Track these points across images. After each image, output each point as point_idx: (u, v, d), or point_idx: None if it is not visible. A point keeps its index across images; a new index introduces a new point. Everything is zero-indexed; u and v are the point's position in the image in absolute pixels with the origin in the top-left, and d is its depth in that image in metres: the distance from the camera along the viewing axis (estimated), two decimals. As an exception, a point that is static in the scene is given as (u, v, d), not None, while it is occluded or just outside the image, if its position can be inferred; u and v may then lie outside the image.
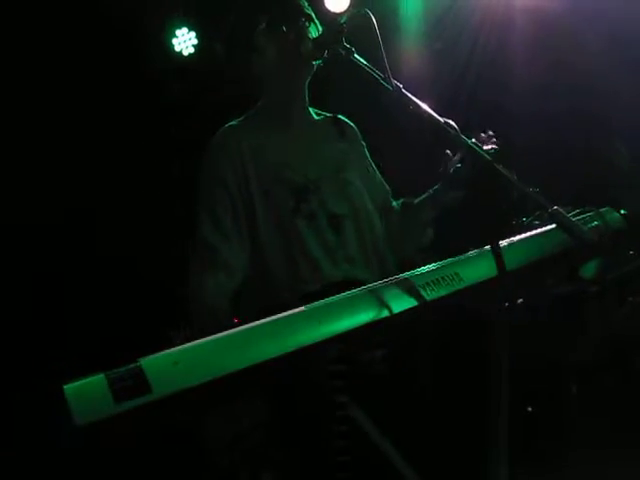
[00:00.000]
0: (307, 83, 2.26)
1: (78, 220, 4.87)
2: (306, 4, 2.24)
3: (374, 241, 2.22)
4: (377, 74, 1.82)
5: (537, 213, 1.95)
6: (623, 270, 2.04)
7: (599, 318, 2.06)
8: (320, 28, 2.20)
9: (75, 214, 4.85)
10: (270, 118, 2.28)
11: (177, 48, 5.64)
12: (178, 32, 5.62)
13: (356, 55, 1.90)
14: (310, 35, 2.17)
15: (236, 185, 2.14)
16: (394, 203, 2.41)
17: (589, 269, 1.92)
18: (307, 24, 2.18)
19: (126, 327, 4.55)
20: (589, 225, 1.95)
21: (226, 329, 1.32)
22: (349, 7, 5.08)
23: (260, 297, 2.12)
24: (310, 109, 2.36)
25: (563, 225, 1.61)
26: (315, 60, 2.14)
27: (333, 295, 1.48)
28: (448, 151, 2.16)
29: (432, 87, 4.84)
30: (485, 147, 1.92)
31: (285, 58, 2.17)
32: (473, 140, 1.82)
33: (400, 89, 1.79)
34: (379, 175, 2.43)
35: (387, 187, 2.43)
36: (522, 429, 1.68)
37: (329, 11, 4.95)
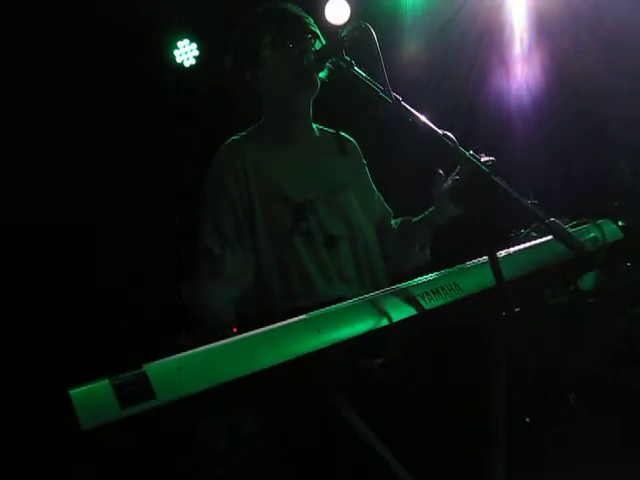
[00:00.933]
0: (311, 99, 2.28)
1: (83, 227, 4.90)
2: (312, 21, 2.25)
3: (370, 262, 2.23)
4: (377, 87, 1.82)
5: (534, 225, 1.96)
6: (621, 282, 2.05)
7: (597, 330, 2.07)
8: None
9: (80, 223, 4.88)
10: (273, 134, 2.29)
11: (179, 60, 5.70)
12: (180, 44, 5.68)
13: (356, 68, 1.89)
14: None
15: (239, 198, 2.17)
16: (392, 222, 2.42)
17: (587, 280, 1.93)
18: (312, 41, 2.19)
19: (131, 332, 4.57)
20: (586, 237, 1.96)
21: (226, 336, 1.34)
22: (349, 20, 5.11)
23: (255, 309, 2.14)
24: (313, 125, 2.37)
25: (560, 237, 1.63)
26: (317, 71, 2.15)
27: None
28: (440, 171, 2.18)
29: (431, 99, 4.86)
30: (483, 159, 1.93)
31: (289, 73, 2.17)
32: (471, 152, 1.83)
33: (399, 101, 1.79)
34: (378, 194, 2.44)
35: (386, 206, 2.45)
36: (520, 437, 1.69)
37: (330, 24, 4.98)
